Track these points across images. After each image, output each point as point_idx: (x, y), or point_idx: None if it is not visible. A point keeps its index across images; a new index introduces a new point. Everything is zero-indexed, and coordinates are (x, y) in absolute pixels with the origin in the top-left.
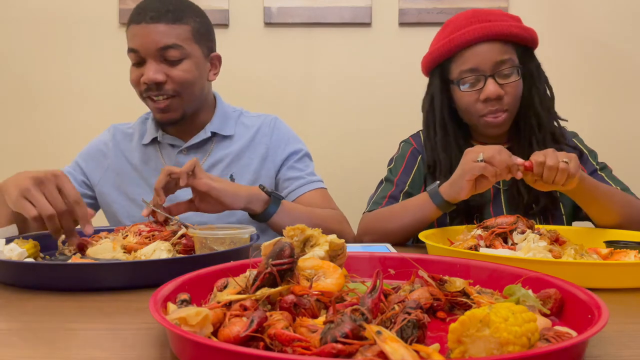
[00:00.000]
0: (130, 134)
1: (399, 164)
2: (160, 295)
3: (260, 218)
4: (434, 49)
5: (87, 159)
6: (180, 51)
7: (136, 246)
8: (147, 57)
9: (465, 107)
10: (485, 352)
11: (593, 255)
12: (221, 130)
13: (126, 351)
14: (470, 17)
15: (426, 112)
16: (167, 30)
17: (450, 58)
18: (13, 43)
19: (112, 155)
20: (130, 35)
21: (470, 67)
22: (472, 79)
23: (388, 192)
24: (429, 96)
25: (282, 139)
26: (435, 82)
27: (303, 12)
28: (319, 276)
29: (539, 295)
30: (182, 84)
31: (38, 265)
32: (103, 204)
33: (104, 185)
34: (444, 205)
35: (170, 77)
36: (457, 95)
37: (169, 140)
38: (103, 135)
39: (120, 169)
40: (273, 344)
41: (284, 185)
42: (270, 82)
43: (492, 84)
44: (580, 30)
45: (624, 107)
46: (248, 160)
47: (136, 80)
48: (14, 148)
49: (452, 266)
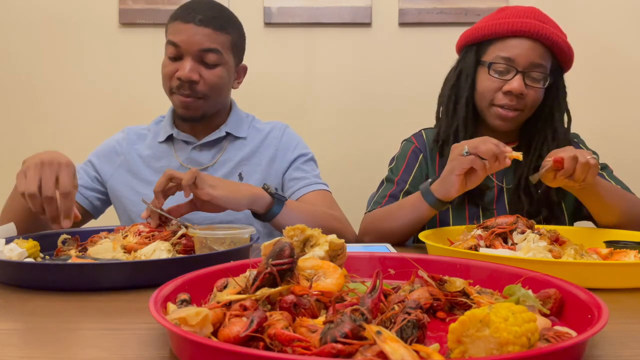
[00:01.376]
0: (144, 135)
1: (400, 163)
2: (160, 295)
3: (264, 218)
4: (480, 26)
5: (100, 157)
6: (218, 56)
7: (136, 246)
8: (186, 55)
9: (484, 91)
10: (485, 352)
11: (593, 255)
12: (235, 131)
13: (126, 351)
14: (528, 11)
15: (451, 86)
16: (212, 35)
17: (491, 40)
18: (13, 43)
19: (125, 152)
20: (173, 30)
21: (507, 56)
22: (503, 68)
23: (388, 191)
24: (458, 70)
25: (291, 143)
26: (470, 58)
27: (303, 12)
28: (319, 276)
29: (539, 295)
30: (212, 87)
31: (38, 265)
32: (114, 199)
33: (116, 181)
34: (436, 204)
35: (204, 79)
36: (481, 77)
37: (184, 137)
38: (117, 136)
39: (132, 166)
40: (273, 344)
41: (289, 184)
42: (270, 82)
43: (519, 80)
44: (581, 30)
45: (624, 107)
46: (257, 161)
47: (170, 74)
48: (14, 148)
49: (452, 266)
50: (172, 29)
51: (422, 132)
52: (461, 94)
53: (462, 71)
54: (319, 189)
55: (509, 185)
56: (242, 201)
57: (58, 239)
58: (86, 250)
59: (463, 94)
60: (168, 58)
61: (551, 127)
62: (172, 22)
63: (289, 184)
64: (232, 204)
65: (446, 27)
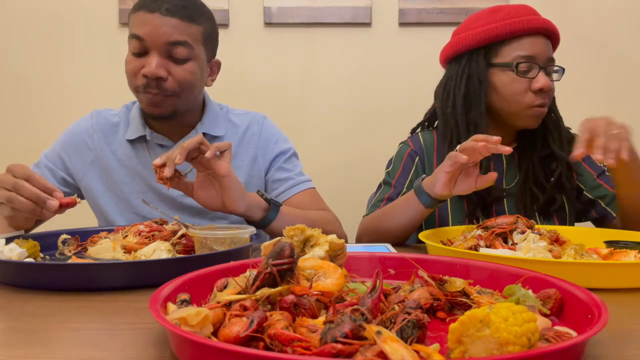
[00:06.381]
0: (116, 124)
1: (396, 166)
2: (160, 295)
3: (259, 225)
4: (485, 29)
5: (69, 150)
6: (188, 50)
7: (136, 246)
8: (152, 49)
9: (514, 93)
10: (485, 352)
11: (593, 255)
12: (212, 130)
13: (126, 351)
14: (527, 9)
15: (463, 95)
16: (181, 26)
17: (503, 41)
18: (13, 43)
19: (97, 147)
20: (137, 21)
21: (529, 54)
22: (526, 67)
23: (386, 194)
24: (465, 77)
25: (271, 140)
26: (481, 62)
27: (303, 12)
28: (319, 276)
29: (539, 295)
30: (183, 84)
31: (38, 265)
32: (89, 199)
33: (89, 180)
34: (427, 200)
35: (173, 75)
36: (502, 80)
37: (159, 140)
38: (85, 122)
39: (106, 164)
40: (273, 344)
41: (273, 186)
42: (270, 82)
43: (544, 76)
44: (580, 30)
45: (624, 107)
46: (239, 162)
47: (134, 71)
48: (14, 148)
49: (452, 266)
50: (136, 20)
51: (419, 134)
52: (476, 101)
53: (471, 76)
54: (304, 188)
55: (509, 186)
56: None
57: (58, 239)
58: (86, 250)
59: (480, 101)
60: (132, 54)
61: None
62: (135, 12)
63: (273, 186)
64: (238, 194)
65: (446, 27)
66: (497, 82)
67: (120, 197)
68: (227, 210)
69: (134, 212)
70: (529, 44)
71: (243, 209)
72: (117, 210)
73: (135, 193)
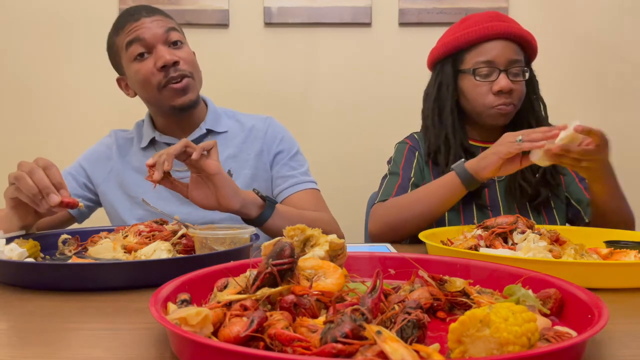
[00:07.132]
0: (130, 139)
1: (398, 159)
2: (160, 295)
3: (255, 222)
4: (451, 39)
5: (91, 161)
6: (179, 34)
7: (136, 246)
8: (155, 44)
9: (476, 97)
10: (485, 352)
11: (593, 255)
12: (215, 127)
13: (126, 351)
14: (491, 15)
15: (433, 99)
16: (165, 19)
17: (466, 49)
18: (13, 43)
19: (115, 158)
20: (129, 31)
21: (487, 59)
22: (486, 71)
23: (396, 183)
24: (437, 84)
25: (276, 136)
26: (448, 70)
27: (303, 12)
28: (319, 276)
29: (539, 295)
30: (191, 64)
31: (38, 265)
32: (107, 204)
33: (107, 186)
34: (469, 180)
35: (181, 58)
36: (467, 85)
37: (166, 139)
38: (105, 140)
39: (123, 173)
40: (273, 344)
41: (277, 182)
42: (270, 82)
43: (505, 77)
44: (580, 30)
45: (624, 108)
46: (245, 156)
47: (150, 71)
48: (14, 148)
49: (452, 266)
50: (126, 32)
51: (414, 135)
52: (445, 104)
53: (442, 83)
54: (307, 188)
55: (500, 179)
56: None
57: (58, 239)
58: (86, 250)
59: (447, 103)
60: (136, 62)
61: (533, 115)
62: (120, 30)
63: (277, 182)
64: (231, 191)
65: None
66: (464, 87)
67: (132, 198)
68: (223, 209)
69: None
70: (488, 49)
71: (238, 205)
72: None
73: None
